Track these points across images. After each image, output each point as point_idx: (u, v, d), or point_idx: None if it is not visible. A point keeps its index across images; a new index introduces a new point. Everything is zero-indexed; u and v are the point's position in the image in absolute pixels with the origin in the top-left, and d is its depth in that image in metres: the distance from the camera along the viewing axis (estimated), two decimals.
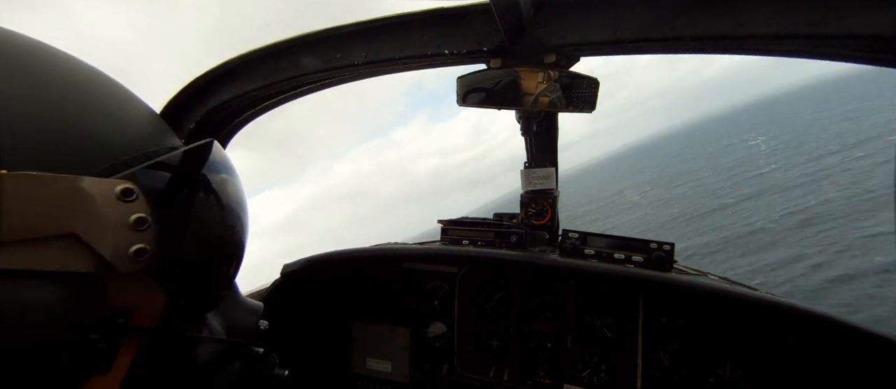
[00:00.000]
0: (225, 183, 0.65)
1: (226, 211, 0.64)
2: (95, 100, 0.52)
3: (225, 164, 0.68)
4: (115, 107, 0.55)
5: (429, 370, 1.86)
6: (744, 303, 1.37)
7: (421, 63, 0.95)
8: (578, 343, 1.65)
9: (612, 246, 1.61)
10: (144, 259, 0.48)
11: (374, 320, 1.96)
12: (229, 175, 0.67)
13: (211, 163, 0.64)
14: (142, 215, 0.47)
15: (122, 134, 0.52)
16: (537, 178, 1.96)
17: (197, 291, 0.64)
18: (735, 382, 1.43)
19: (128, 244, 0.46)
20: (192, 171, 0.60)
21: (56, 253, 0.41)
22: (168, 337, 0.61)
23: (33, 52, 0.48)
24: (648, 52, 0.82)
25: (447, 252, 1.82)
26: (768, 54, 0.81)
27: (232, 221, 0.66)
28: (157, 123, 0.62)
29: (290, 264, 1.83)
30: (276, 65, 0.99)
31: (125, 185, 0.46)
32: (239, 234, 0.68)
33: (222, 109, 1.07)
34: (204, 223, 0.60)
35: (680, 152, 53.82)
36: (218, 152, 0.67)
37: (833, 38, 0.65)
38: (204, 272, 0.63)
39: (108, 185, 0.45)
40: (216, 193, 0.62)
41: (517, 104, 0.98)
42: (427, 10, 0.86)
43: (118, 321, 0.49)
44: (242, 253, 0.72)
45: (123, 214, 0.45)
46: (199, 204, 0.59)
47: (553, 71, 0.90)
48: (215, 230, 0.63)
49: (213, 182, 0.62)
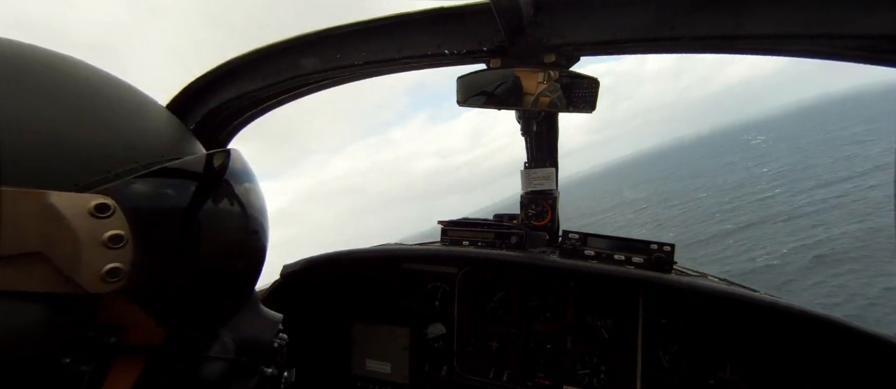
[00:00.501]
0: (233, 191, 0.59)
1: (235, 227, 0.58)
2: (96, 109, 0.49)
3: (242, 171, 0.62)
4: (119, 116, 0.51)
5: (428, 371, 1.85)
6: (744, 305, 1.36)
7: (421, 63, 0.95)
8: (578, 344, 1.65)
9: (612, 247, 1.61)
10: (119, 279, 0.44)
11: (373, 321, 1.96)
12: (244, 182, 0.61)
13: (222, 175, 0.58)
14: (117, 232, 0.43)
15: (125, 145, 0.49)
16: (537, 179, 1.96)
17: (196, 311, 0.59)
18: (735, 383, 1.43)
19: (100, 264, 0.43)
20: (195, 183, 0.55)
21: (22, 272, 0.39)
22: (169, 357, 0.57)
23: (17, 56, 0.45)
24: (648, 52, 0.82)
25: (447, 252, 1.82)
26: (768, 54, 0.81)
27: (241, 237, 0.60)
28: (171, 133, 0.57)
29: (289, 265, 1.83)
30: (276, 65, 0.98)
31: (99, 200, 0.42)
32: (251, 249, 0.63)
33: (222, 110, 1.07)
34: (202, 240, 0.54)
35: (677, 168, 52.08)
36: (236, 161, 0.61)
37: (834, 37, 0.65)
38: (203, 291, 0.58)
39: (80, 201, 0.41)
40: (220, 205, 0.56)
41: (518, 105, 0.98)
42: (427, 10, 0.86)
43: (107, 340, 0.47)
44: (257, 269, 0.66)
45: (95, 231, 0.42)
46: (198, 218, 0.53)
47: (553, 71, 0.90)
48: (217, 248, 0.57)
49: (219, 195, 0.56)
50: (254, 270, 0.66)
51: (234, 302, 0.68)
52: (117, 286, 0.44)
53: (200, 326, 0.64)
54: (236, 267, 0.61)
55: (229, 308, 0.68)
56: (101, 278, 0.43)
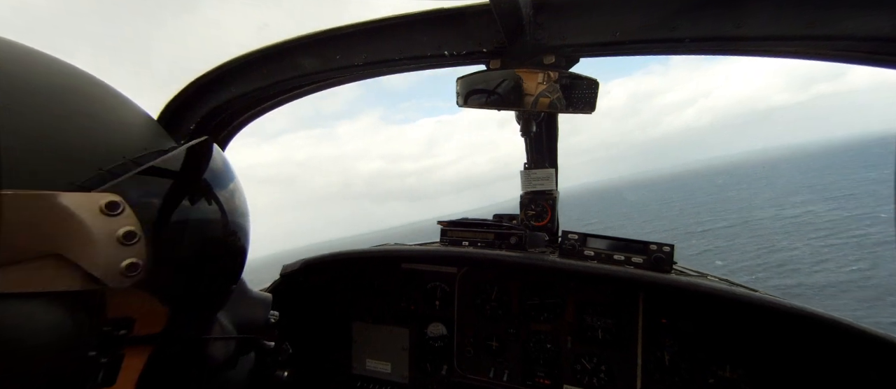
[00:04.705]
0: (220, 183, 0.62)
1: (223, 213, 0.62)
2: (77, 106, 0.49)
3: (222, 165, 0.66)
4: (100, 112, 0.52)
5: (428, 370, 1.85)
6: (744, 304, 1.36)
7: (420, 63, 0.95)
8: (578, 344, 1.65)
9: (611, 247, 1.61)
10: (137, 273, 0.45)
11: (373, 320, 1.96)
12: (226, 175, 0.65)
13: (208, 166, 0.61)
14: (130, 228, 0.44)
15: (108, 141, 0.49)
16: (537, 179, 1.96)
17: (200, 296, 0.63)
18: (735, 383, 1.43)
19: (118, 259, 0.43)
20: (185, 175, 0.57)
21: (44, 273, 0.39)
22: (175, 342, 0.60)
23: (3, 54, 0.45)
24: (648, 53, 0.82)
25: (447, 253, 1.82)
26: (767, 55, 0.81)
27: (230, 222, 0.63)
28: (149, 127, 0.59)
29: (289, 265, 1.83)
30: (275, 65, 0.99)
31: (109, 198, 0.43)
32: (240, 234, 0.67)
33: (222, 110, 1.07)
34: (201, 228, 0.57)
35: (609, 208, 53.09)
36: (215, 153, 0.65)
37: (831, 38, 0.66)
38: (205, 276, 0.61)
39: (90, 200, 0.42)
40: (212, 195, 0.60)
41: (518, 105, 0.98)
42: (427, 10, 0.86)
43: (119, 332, 0.48)
44: (245, 250, 0.70)
45: (110, 229, 0.43)
46: (194, 209, 0.56)
47: (553, 72, 0.90)
48: (214, 233, 0.60)
49: (208, 184, 0.59)
50: (243, 251, 0.70)
51: (230, 282, 0.72)
52: (137, 279, 0.45)
53: (202, 310, 0.67)
54: (228, 249, 0.65)
55: (226, 288, 0.71)
56: (123, 273, 0.44)
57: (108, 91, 0.56)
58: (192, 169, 0.58)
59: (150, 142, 0.55)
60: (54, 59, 0.51)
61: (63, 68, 0.51)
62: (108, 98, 0.55)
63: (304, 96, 1.19)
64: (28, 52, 0.48)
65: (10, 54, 0.46)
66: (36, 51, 0.49)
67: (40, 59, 0.48)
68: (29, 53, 0.48)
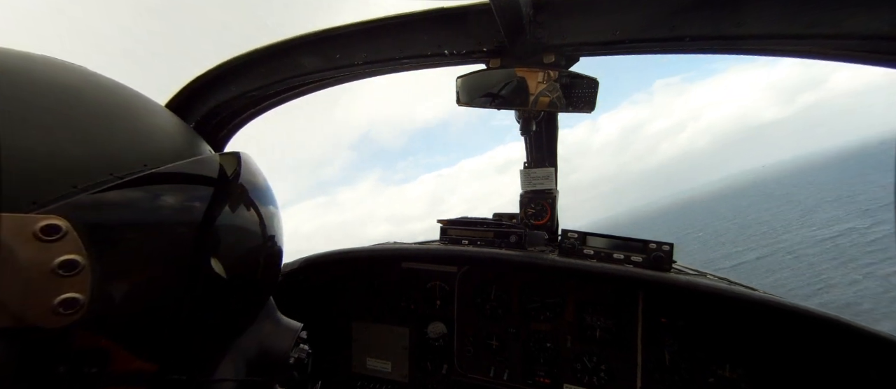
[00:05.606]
0: (208, 202, 0.50)
1: (218, 243, 0.51)
2: (47, 114, 0.41)
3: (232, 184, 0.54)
4: (93, 121, 0.44)
5: (429, 369, 1.86)
6: (744, 303, 1.37)
7: (420, 63, 0.95)
8: (578, 343, 1.65)
9: (611, 246, 1.61)
10: (75, 311, 0.38)
11: (373, 320, 1.96)
12: (241, 198, 0.54)
13: (209, 183, 0.51)
14: (70, 257, 0.37)
15: (96, 154, 0.42)
16: (537, 178, 1.96)
17: (181, 339, 0.51)
18: (735, 382, 1.43)
19: (49, 294, 0.36)
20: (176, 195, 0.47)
21: None
22: (168, 382, 0.50)
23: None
24: (648, 52, 0.82)
25: (446, 251, 1.82)
26: (767, 54, 0.81)
27: (234, 258, 0.52)
28: (157, 138, 0.50)
29: (289, 264, 1.83)
30: (276, 65, 0.98)
31: (47, 221, 0.36)
32: (244, 266, 0.55)
33: (222, 109, 1.07)
34: (171, 263, 0.46)
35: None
36: (222, 169, 0.54)
37: (832, 37, 0.66)
38: (187, 316, 0.50)
39: (22, 223, 0.35)
40: (208, 220, 0.49)
41: (519, 105, 0.98)
42: (427, 10, 0.86)
43: (88, 371, 0.41)
44: (253, 290, 0.60)
45: (42, 258, 0.36)
46: (169, 232, 0.46)
47: (553, 71, 0.90)
48: (195, 269, 0.48)
49: (189, 205, 0.48)
50: (246, 292, 0.59)
51: (226, 326, 0.60)
52: (75, 318, 0.38)
53: (192, 351, 0.55)
54: (223, 289, 0.53)
55: (222, 330, 0.60)
56: (53, 311, 0.37)
57: (117, 95, 0.49)
58: (182, 181, 0.49)
59: (153, 157, 0.47)
60: (53, 60, 0.45)
61: (58, 69, 0.45)
62: (113, 104, 0.48)
63: (304, 95, 1.19)
64: (23, 57, 0.43)
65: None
66: (32, 54, 0.45)
67: (38, 61, 0.44)
68: (24, 58, 0.43)
